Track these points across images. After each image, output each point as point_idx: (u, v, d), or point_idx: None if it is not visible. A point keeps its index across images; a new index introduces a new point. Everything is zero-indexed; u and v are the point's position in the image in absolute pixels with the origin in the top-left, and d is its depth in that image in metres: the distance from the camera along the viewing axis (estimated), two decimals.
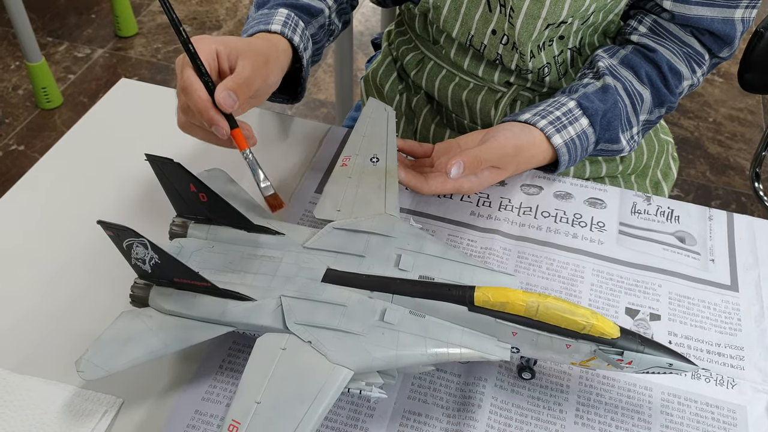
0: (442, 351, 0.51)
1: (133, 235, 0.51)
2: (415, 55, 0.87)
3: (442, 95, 0.84)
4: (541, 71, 0.77)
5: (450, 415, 0.54)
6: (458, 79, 0.82)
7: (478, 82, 0.81)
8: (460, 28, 0.77)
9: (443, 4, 0.76)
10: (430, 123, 0.88)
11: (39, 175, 0.73)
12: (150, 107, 0.81)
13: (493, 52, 0.77)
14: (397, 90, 0.91)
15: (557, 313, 0.50)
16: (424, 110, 0.89)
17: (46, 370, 0.56)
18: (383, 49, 0.96)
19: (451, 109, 0.85)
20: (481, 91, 0.81)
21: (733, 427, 0.54)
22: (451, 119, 0.87)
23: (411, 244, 0.58)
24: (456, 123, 0.87)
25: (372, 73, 0.95)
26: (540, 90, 0.81)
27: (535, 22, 0.72)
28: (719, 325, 0.61)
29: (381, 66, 0.93)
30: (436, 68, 0.84)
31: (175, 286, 0.54)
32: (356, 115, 1.05)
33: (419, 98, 0.89)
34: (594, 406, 0.55)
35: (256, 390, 0.48)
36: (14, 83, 2.04)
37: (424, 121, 0.89)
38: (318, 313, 0.52)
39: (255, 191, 0.63)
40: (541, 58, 0.76)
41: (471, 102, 0.82)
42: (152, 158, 0.56)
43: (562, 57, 0.78)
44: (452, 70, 0.83)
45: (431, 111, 0.89)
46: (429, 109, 0.89)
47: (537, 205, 0.71)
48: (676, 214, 0.71)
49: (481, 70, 0.80)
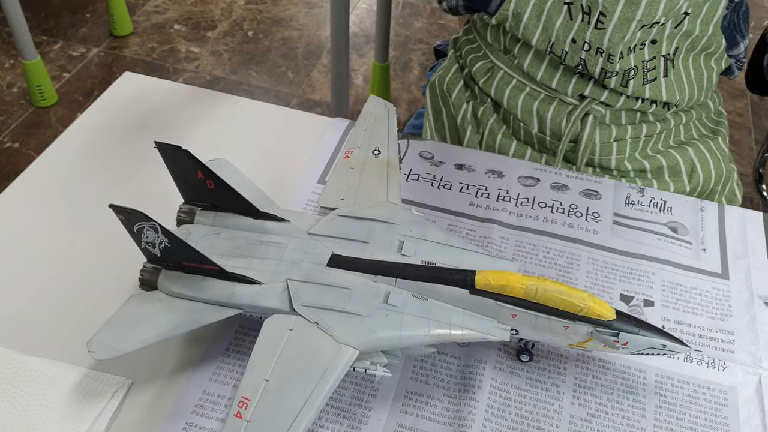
0: (444, 332, 0.52)
1: (144, 218, 0.52)
2: (484, 63, 0.87)
3: (511, 104, 0.85)
4: (627, 74, 0.78)
5: (451, 396, 0.56)
6: (528, 89, 0.83)
7: (550, 93, 0.82)
8: (540, 35, 0.78)
9: (524, 11, 0.77)
10: (497, 133, 0.89)
11: (50, 163, 0.74)
12: (154, 100, 0.82)
13: (576, 58, 0.78)
14: (464, 98, 0.91)
15: (555, 296, 0.52)
16: (490, 120, 0.89)
17: (57, 352, 0.57)
18: (449, 57, 0.96)
19: (520, 119, 0.85)
20: (553, 101, 0.82)
21: (724, 407, 0.56)
22: (518, 129, 0.87)
23: (413, 230, 0.59)
24: (523, 132, 0.86)
25: (438, 81, 0.95)
26: (614, 104, 0.82)
27: (628, 24, 0.73)
28: (711, 311, 0.63)
29: (448, 74, 0.93)
30: (506, 77, 0.85)
31: (184, 270, 0.56)
32: (417, 122, 1.04)
33: (486, 107, 0.89)
34: (590, 388, 0.57)
35: (265, 368, 0.50)
36: (9, 81, 2.04)
37: (491, 131, 0.88)
38: (324, 295, 0.54)
39: (259, 181, 0.64)
40: (629, 60, 0.77)
41: (542, 112, 0.83)
42: (161, 146, 0.57)
43: (652, 63, 0.79)
44: (522, 80, 0.83)
45: (498, 121, 0.89)
46: (496, 118, 0.89)
47: (534, 196, 0.73)
48: (669, 206, 0.73)
49: (555, 81, 0.81)
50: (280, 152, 0.76)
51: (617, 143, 0.85)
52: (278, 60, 2.18)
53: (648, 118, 0.86)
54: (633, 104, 0.82)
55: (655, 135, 0.87)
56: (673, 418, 0.55)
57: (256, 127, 0.80)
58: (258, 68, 2.15)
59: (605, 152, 0.85)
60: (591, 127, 0.82)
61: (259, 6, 2.39)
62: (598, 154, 0.85)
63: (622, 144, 0.85)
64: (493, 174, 0.75)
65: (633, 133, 0.85)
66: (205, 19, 2.31)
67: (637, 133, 0.86)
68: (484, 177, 0.75)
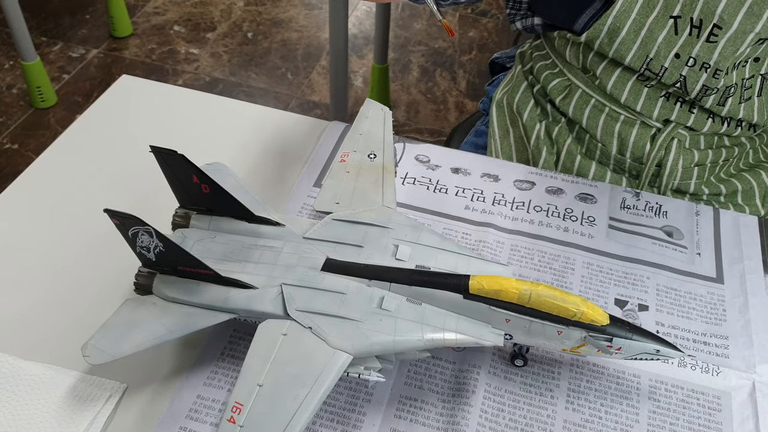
0: (438, 336, 0.53)
1: (139, 223, 0.52)
2: (561, 81, 0.84)
3: (591, 125, 0.82)
4: (727, 91, 0.76)
5: (445, 401, 0.56)
6: (608, 109, 0.81)
7: (632, 115, 0.80)
8: (637, 51, 0.75)
9: (622, 27, 0.75)
10: (575, 154, 0.85)
11: (45, 167, 0.74)
12: (152, 103, 0.82)
13: (675, 75, 0.75)
14: (537, 117, 0.88)
15: (549, 301, 0.52)
16: (567, 140, 0.86)
17: (52, 357, 0.57)
18: (516, 73, 0.93)
19: (599, 140, 0.83)
20: (635, 124, 0.80)
21: (717, 412, 0.56)
22: (595, 149, 0.84)
23: (408, 235, 0.60)
24: (600, 153, 0.84)
25: (507, 99, 0.92)
26: (700, 128, 0.80)
27: (744, 37, 0.71)
28: (705, 316, 0.63)
29: (517, 91, 0.90)
30: (585, 97, 0.82)
31: (179, 275, 0.56)
32: (478, 141, 1.00)
33: (561, 127, 0.86)
34: (584, 392, 0.57)
35: (259, 373, 0.50)
36: (8, 82, 2.05)
37: (569, 152, 0.86)
38: (318, 300, 0.54)
39: (255, 184, 0.64)
40: (731, 77, 0.75)
41: (624, 135, 0.81)
42: (156, 149, 0.57)
43: (750, 82, 0.77)
44: (603, 100, 0.81)
45: (574, 141, 0.86)
46: (572, 139, 0.86)
47: (530, 200, 0.73)
48: (664, 210, 0.73)
49: (639, 104, 0.79)
50: (276, 156, 0.77)
51: (698, 168, 0.84)
52: (278, 61, 2.19)
53: (724, 142, 0.84)
54: (718, 128, 0.80)
55: (731, 159, 0.86)
56: (666, 423, 0.55)
57: (253, 131, 0.80)
58: (257, 70, 2.15)
59: (686, 177, 0.83)
60: (676, 152, 0.81)
61: (258, 7, 2.39)
62: (678, 179, 0.83)
63: (702, 169, 0.84)
64: (489, 177, 0.75)
65: (713, 157, 0.84)
66: (205, 21, 2.32)
67: (716, 158, 0.84)
68: (479, 180, 0.75)
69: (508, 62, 1.06)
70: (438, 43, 2.29)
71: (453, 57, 2.24)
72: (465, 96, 2.11)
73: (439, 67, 2.20)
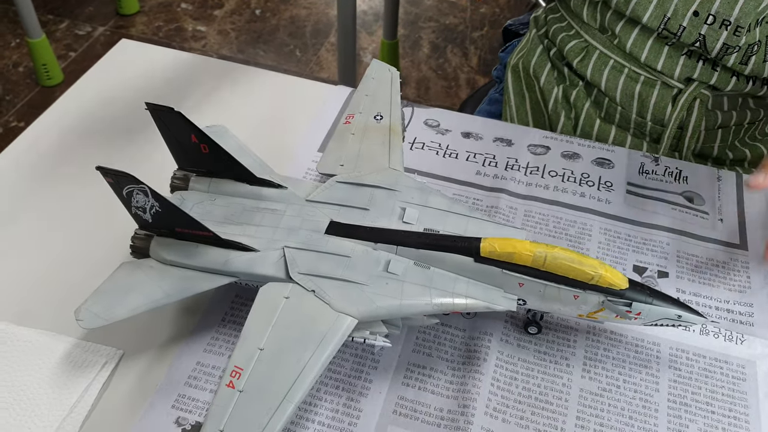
0: (448, 301, 0.50)
1: (133, 181, 0.50)
2: (578, 43, 0.81)
3: (609, 87, 0.79)
4: (750, 49, 0.72)
5: (455, 368, 0.53)
6: (627, 70, 0.78)
7: (652, 75, 0.77)
8: (654, 10, 0.72)
9: None
10: (594, 118, 0.82)
11: (39, 130, 0.72)
12: (152, 68, 0.80)
13: (694, 34, 0.72)
14: (554, 81, 0.85)
15: (565, 264, 0.50)
16: (585, 104, 0.83)
17: (46, 322, 0.55)
18: (531, 37, 0.89)
19: (618, 102, 0.80)
20: (656, 84, 0.77)
21: (742, 381, 0.54)
22: (614, 113, 0.81)
23: (416, 197, 0.57)
24: (619, 117, 0.81)
25: (523, 64, 0.89)
26: (724, 87, 0.76)
27: None
28: (728, 283, 0.60)
29: (533, 55, 0.87)
30: (603, 58, 0.79)
31: (177, 237, 0.54)
32: (492, 108, 0.96)
33: (578, 90, 0.83)
34: (601, 361, 0.54)
35: (259, 337, 0.47)
36: (15, 60, 2.03)
37: (587, 116, 0.82)
38: (322, 263, 0.51)
39: (259, 148, 0.62)
40: (754, 34, 0.71)
41: (644, 96, 0.78)
42: (153, 107, 0.55)
43: None
44: (622, 60, 0.78)
45: (593, 105, 0.83)
46: (591, 103, 0.83)
47: (544, 165, 0.70)
48: (684, 175, 0.70)
49: (660, 62, 0.76)
50: (280, 119, 0.74)
51: (722, 130, 0.80)
52: (286, 38, 2.15)
53: (749, 104, 0.80)
54: (743, 87, 0.76)
55: (757, 122, 0.82)
56: (688, 393, 0.53)
57: (256, 95, 0.77)
58: (266, 47, 2.12)
59: (709, 140, 0.80)
60: (698, 113, 0.77)
61: None
62: (701, 142, 0.80)
63: (726, 131, 0.80)
64: (502, 142, 0.72)
65: (737, 119, 0.80)
66: None
67: (740, 120, 0.80)
68: (492, 145, 0.72)
69: (521, 29, 1.02)
70: (449, 20, 2.24)
71: (464, 33, 2.20)
72: (477, 72, 2.07)
73: (450, 44, 2.16)
